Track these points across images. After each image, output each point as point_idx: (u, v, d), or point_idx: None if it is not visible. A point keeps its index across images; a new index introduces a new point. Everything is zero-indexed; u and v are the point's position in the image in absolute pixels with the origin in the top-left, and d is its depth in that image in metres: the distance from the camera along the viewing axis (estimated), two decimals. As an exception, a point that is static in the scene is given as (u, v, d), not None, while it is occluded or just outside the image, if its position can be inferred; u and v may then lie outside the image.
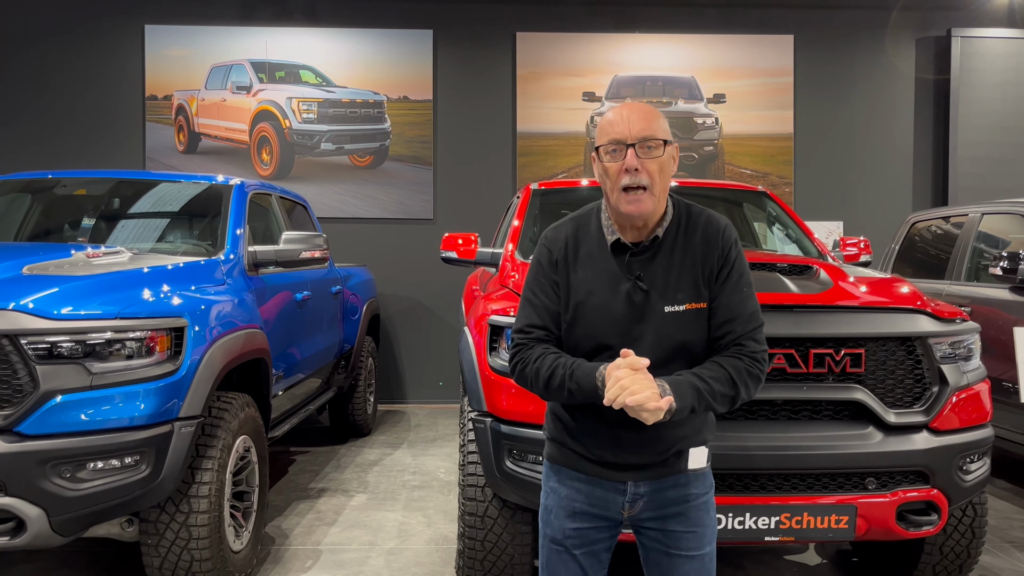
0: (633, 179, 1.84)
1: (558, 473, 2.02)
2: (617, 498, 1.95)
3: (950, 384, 3.05)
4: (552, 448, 2.04)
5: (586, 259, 1.94)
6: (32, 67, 8.01)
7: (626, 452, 1.91)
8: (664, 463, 1.93)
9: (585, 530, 1.98)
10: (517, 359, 1.95)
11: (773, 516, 2.86)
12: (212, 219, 4.50)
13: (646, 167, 1.85)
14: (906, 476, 2.98)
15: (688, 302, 1.87)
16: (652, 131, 1.86)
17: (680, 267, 1.90)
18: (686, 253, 1.91)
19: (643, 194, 1.85)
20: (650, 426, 1.78)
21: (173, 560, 3.25)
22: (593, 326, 1.90)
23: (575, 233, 1.99)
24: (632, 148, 1.85)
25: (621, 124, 1.87)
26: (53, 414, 2.85)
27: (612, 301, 1.89)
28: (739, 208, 5.24)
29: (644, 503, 1.95)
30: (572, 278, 1.94)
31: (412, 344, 8.22)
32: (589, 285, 1.91)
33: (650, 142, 1.85)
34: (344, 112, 8.13)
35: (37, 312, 2.89)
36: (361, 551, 4.11)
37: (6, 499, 2.80)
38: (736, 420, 2.97)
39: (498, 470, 3.12)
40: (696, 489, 1.98)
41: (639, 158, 1.84)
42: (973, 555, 3.47)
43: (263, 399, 4.09)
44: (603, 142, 1.89)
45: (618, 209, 1.89)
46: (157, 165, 8.06)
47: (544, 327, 1.95)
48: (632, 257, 1.92)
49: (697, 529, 1.97)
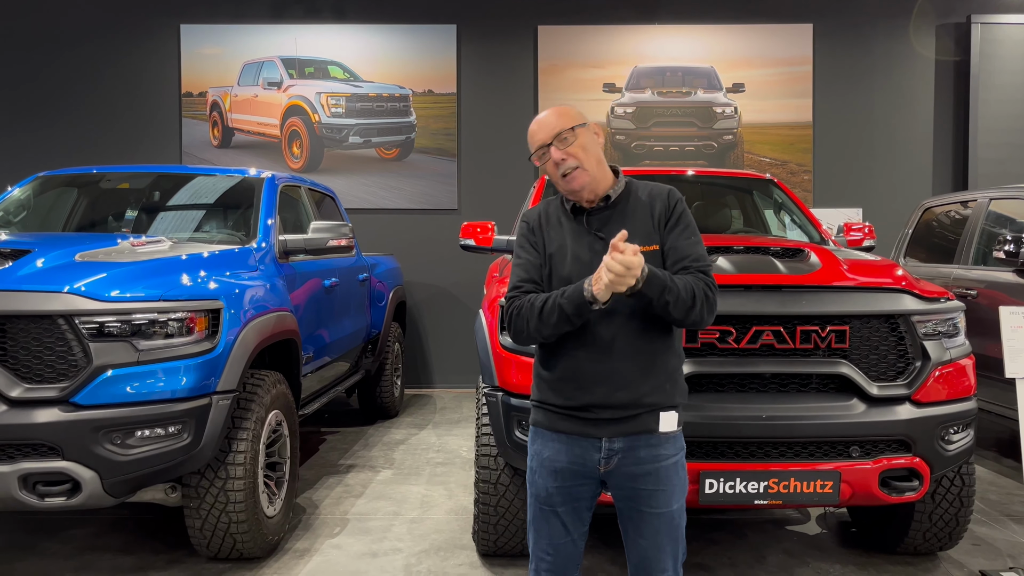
0: (563, 167, 2.20)
1: (541, 437, 2.27)
2: (593, 454, 2.19)
3: (932, 359, 3.24)
4: (537, 413, 2.29)
5: (556, 224, 2.30)
6: (75, 69, 8.41)
7: (605, 389, 2.14)
8: (635, 418, 2.16)
9: (567, 487, 2.22)
10: (511, 308, 2.21)
11: (762, 481, 3.08)
12: (245, 210, 4.79)
13: (570, 152, 2.20)
14: (889, 445, 3.18)
15: (642, 245, 2.10)
16: (561, 125, 2.21)
17: (632, 220, 2.22)
18: (636, 209, 2.25)
19: (576, 172, 2.20)
20: (624, 365, 2.11)
21: (212, 522, 3.56)
22: (563, 273, 2.20)
23: (545, 208, 2.36)
24: (551, 147, 2.21)
25: (539, 131, 2.24)
26: (105, 387, 3.15)
27: (579, 250, 2.21)
28: (749, 195, 5.42)
29: (619, 459, 2.18)
30: (546, 237, 2.28)
31: (438, 330, 8.50)
32: (560, 240, 2.26)
33: (563, 135, 2.20)
34: (371, 106, 8.42)
35: (89, 294, 3.20)
36: (385, 520, 4.40)
37: (63, 463, 3.11)
38: (727, 392, 3.20)
39: (508, 440, 3.37)
40: (666, 451, 2.20)
41: (560, 150, 2.20)
42: (962, 523, 3.65)
43: (294, 378, 4.38)
44: (533, 151, 2.26)
45: (565, 190, 2.26)
46: (193, 160, 8.42)
47: (531, 280, 2.25)
48: (590, 216, 2.26)
49: (665, 488, 2.19)
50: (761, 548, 4.03)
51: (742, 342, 3.14)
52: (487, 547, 3.76)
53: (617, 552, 3.88)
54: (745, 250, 3.61)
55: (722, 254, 3.44)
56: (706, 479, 3.06)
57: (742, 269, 3.27)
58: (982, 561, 3.84)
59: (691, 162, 8.34)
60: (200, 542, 3.64)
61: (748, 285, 3.20)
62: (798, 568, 3.79)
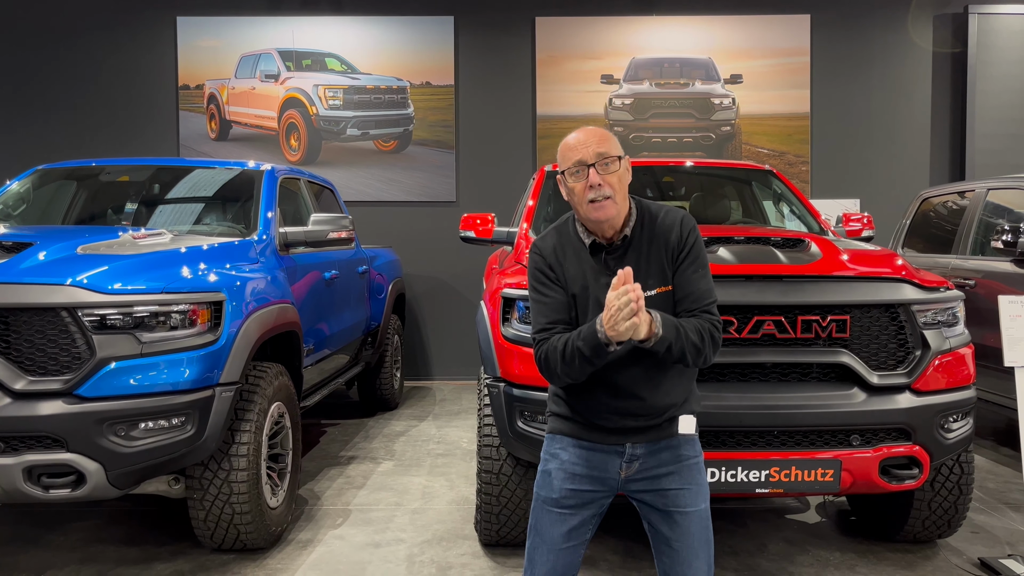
0: (597, 192, 2.10)
1: (561, 441, 2.24)
2: (615, 459, 2.18)
3: (932, 348, 3.26)
4: (556, 422, 2.27)
5: (573, 258, 2.20)
6: (72, 62, 8.39)
7: (624, 418, 2.14)
8: (658, 427, 2.17)
9: (582, 491, 2.20)
10: (541, 353, 2.13)
11: (763, 470, 3.10)
12: (245, 202, 4.79)
13: (607, 180, 2.10)
14: (889, 433, 3.20)
15: (657, 287, 2.11)
16: (607, 149, 2.11)
17: (648, 258, 2.15)
18: (652, 243, 2.16)
19: (607, 201, 2.10)
20: (644, 393, 2.09)
21: (216, 513, 3.57)
22: (588, 314, 2.13)
23: (559, 239, 2.24)
24: (592, 167, 2.10)
25: (581, 147, 2.12)
26: (108, 379, 3.16)
27: (598, 292, 2.11)
28: (748, 186, 5.44)
29: (640, 464, 2.17)
30: (566, 274, 2.19)
31: (438, 322, 8.52)
32: (581, 280, 2.17)
33: (606, 159, 2.11)
34: (369, 98, 8.41)
35: (92, 287, 3.20)
36: (387, 511, 4.42)
37: (68, 455, 3.12)
38: (729, 382, 3.22)
39: (511, 430, 3.39)
40: (687, 451, 2.20)
41: (600, 174, 2.10)
42: (960, 511, 3.68)
43: (295, 369, 4.40)
44: (567, 166, 2.14)
45: (588, 218, 2.15)
46: (190, 152, 8.41)
47: (560, 320, 2.16)
48: (607, 255, 2.17)
49: (691, 487, 2.17)
50: (762, 536, 4.06)
51: (743, 332, 3.16)
52: (489, 537, 3.78)
53: (616, 540, 3.90)
54: (746, 240, 3.63)
55: (723, 244, 3.46)
56: (708, 468, 3.06)
57: (743, 259, 3.28)
58: (981, 548, 3.87)
59: (689, 153, 8.35)
60: (204, 533, 3.66)
61: (749, 275, 3.22)
62: (798, 556, 3.82)
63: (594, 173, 2.09)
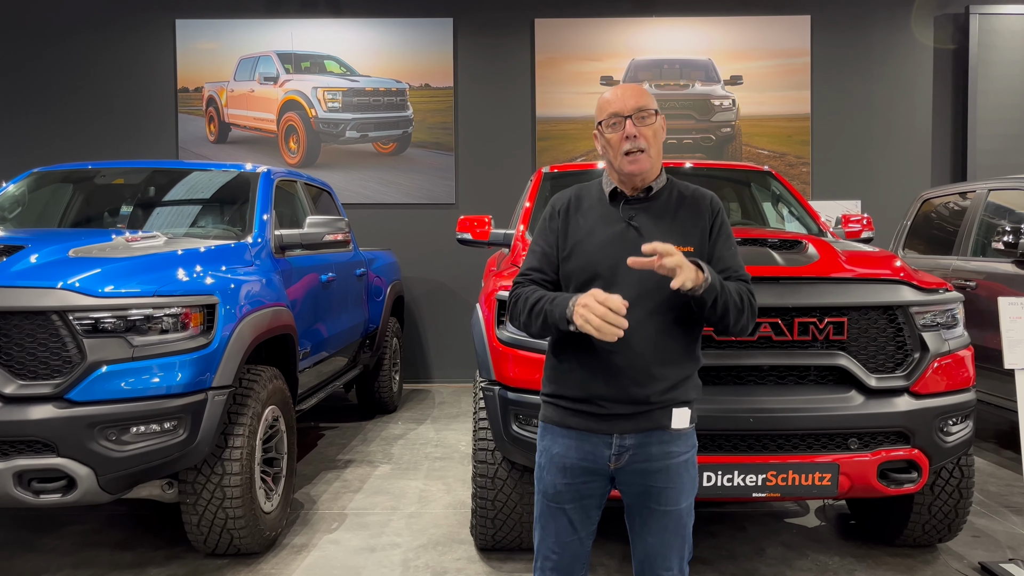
0: (633, 144, 2.13)
1: (551, 432, 2.23)
2: (604, 451, 2.15)
3: (931, 351, 3.23)
4: (547, 409, 2.25)
5: (587, 210, 2.23)
6: (70, 64, 8.38)
7: (615, 404, 2.10)
8: (648, 414, 2.12)
9: (575, 484, 2.18)
10: (513, 295, 2.22)
11: (760, 474, 3.07)
12: (241, 205, 4.77)
13: (643, 133, 2.13)
14: (887, 437, 3.16)
15: (678, 245, 2.02)
16: (644, 103, 2.15)
17: (670, 218, 2.17)
18: (677, 210, 2.19)
19: (641, 155, 2.14)
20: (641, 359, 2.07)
21: (209, 518, 3.54)
22: (588, 258, 2.15)
23: (578, 193, 2.29)
24: (629, 119, 2.13)
25: (618, 101, 2.16)
26: (99, 382, 3.13)
27: (606, 237, 2.15)
28: (747, 188, 5.41)
29: (629, 456, 2.14)
30: (572, 224, 2.22)
31: (436, 325, 8.49)
32: (588, 226, 2.19)
33: (643, 112, 2.14)
34: (368, 100, 8.39)
35: (83, 290, 3.17)
36: (384, 515, 4.39)
37: (58, 459, 3.09)
38: (726, 385, 3.18)
39: (506, 434, 3.35)
40: (678, 448, 2.17)
41: (636, 126, 2.13)
42: (961, 515, 3.64)
43: (290, 373, 4.36)
44: (604, 117, 2.18)
45: (622, 171, 2.16)
46: (189, 155, 8.39)
47: (541, 270, 2.22)
48: (627, 204, 2.20)
49: (675, 485, 2.16)
50: (760, 541, 4.03)
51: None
52: (485, 541, 3.75)
53: (615, 544, 3.87)
54: (743, 242, 3.59)
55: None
56: (704, 472, 3.04)
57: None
58: (981, 553, 3.83)
59: (689, 155, 8.32)
60: (197, 538, 3.63)
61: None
62: (797, 560, 3.78)
63: (631, 124, 2.13)
